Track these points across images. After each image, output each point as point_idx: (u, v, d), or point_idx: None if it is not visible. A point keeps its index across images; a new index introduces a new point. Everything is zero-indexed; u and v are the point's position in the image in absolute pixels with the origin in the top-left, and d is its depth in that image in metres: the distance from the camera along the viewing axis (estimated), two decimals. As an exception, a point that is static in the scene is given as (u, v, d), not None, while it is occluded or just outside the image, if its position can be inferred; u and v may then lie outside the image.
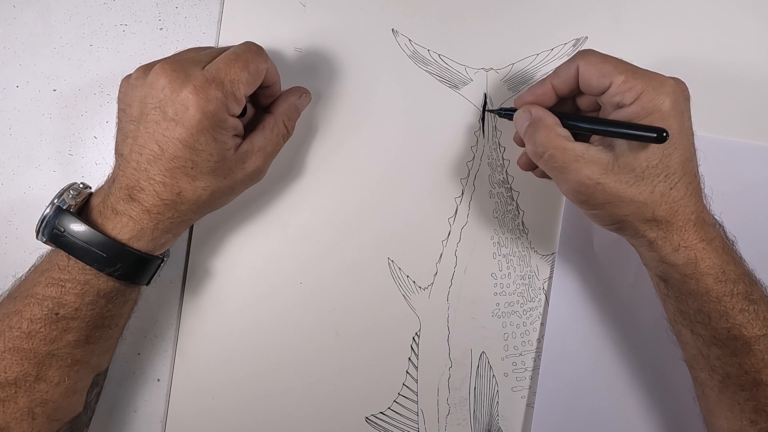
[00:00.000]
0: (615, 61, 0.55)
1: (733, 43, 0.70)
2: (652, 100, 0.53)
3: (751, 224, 0.69)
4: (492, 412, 0.69)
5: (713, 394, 0.58)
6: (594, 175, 0.54)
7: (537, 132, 0.57)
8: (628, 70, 0.54)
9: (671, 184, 0.54)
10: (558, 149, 0.55)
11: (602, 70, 0.55)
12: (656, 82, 0.53)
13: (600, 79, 0.55)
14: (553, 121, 0.57)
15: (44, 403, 0.54)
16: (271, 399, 0.68)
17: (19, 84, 0.67)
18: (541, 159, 0.57)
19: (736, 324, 0.55)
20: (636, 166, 0.53)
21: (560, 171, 0.55)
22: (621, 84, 0.53)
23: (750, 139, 0.69)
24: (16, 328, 0.53)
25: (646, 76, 0.54)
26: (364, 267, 0.68)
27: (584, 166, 0.54)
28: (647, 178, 0.53)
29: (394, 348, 0.69)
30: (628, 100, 0.53)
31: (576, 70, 0.57)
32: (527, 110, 0.60)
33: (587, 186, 0.54)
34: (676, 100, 0.53)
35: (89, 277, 0.54)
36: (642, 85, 0.53)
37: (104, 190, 0.56)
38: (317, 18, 0.68)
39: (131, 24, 0.68)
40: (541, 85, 0.60)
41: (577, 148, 0.55)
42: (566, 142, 0.55)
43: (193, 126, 0.52)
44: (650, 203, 0.54)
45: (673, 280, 0.57)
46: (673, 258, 0.55)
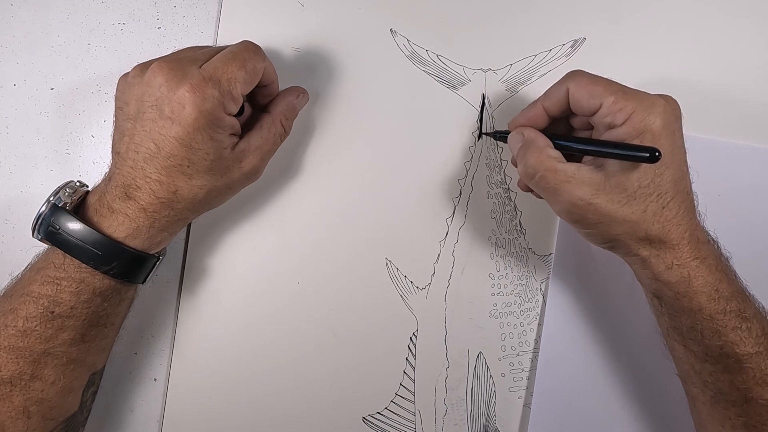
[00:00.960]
0: (605, 82, 0.55)
1: (731, 44, 0.70)
2: (643, 120, 0.53)
3: (748, 226, 0.69)
4: (489, 413, 0.69)
5: (705, 409, 0.58)
6: (585, 196, 0.54)
7: (528, 153, 0.57)
8: (618, 90, 0.54)
9: (663, 203, 0.54)
10: (549, 170, 0.55)
11: (592, 91, 0.55)
12: (647, 103, 0.53)
13: (590, 100, 0.55)
14: (545, 142, 0.57)
15: (39, 401, 0.54)
16: (268, 399, 0.68)
17: (16, 82, 0.67)
18: (533, 180, 0.57)
19: (728, 342, 0.55)
20: (628, 185, 0.53)
21: (551, 192, 0.56)
22: (611, 105, 0.54)
23: (747, 141, 0.69)
24: (12, 327, 0.53)
25: (636, 97, 0.54)
26: (361, 267, 0.68)
27: (575, 186, 0.54)
28: (639, 198, 0.53)
29: (391, 348, 0.69)
30: (618, 121, 0.53)
31: (566, 91, 0.57)
32: (520, 132, 0.60)
33: (579, 206, 0.54)
34: (666, 119, 0.53)
35: (85, 276, 0.54)
36: (632, 105, 0.53)
37: (101, 189, 0.56)
38: (315, 17, 0.68)
39: (129, 23, 0.67)
40: (533, 107, 0.60)
41: (568, 169, 0.55)
42: (557, 163, 0.55)
43: (190, 124, 0.52)
44: (642, 222, 0.54)
45: (666, 297, 0.57)
46: (666, 276, 0.55)
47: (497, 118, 0.69)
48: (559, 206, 0.56)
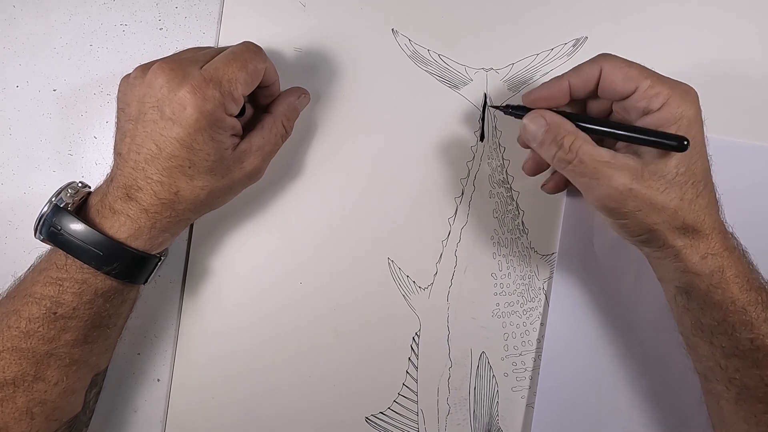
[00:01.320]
0: (639, 66, 0.55)
1: (733, 42, 0.70)
2: (679, 106, 0.52)
3: (751, 225, 0.68)
4: (492, 412, 0.69)
5: (729, 406, 0.57)
6: (626, 182, 0.52)
7: (563, 138, 0.55)
8: (653, 75, 0.54)
9: (697, 191, 0.53)
10: (587, 155, 0.53)
11: (628, 74, 0.54)
12: (682, 90, 0.53)
13: (625, 83, 0.54)
14: (573, 126, 0.55)
15: (43, 402, 0.54)
16: (270, 399, 0.68)
17: (19, 84, 0.67)
18: (570, 165, 0.55)
19: (759, 334, 0.54)
20: (666, 172, 0.52)
21: (591, 177, 0.54)
22: (648, 89, 0.53)
23: (749, 140, 0.69)
24: (15, 328, 0.53)
25: (671, 83, 0.53)
26: (363, 267, 0.68)
27: (615, 172, 0.53)
28: (677, 185, 0.53)
29: (393, 348, 0.69)
30: (655, 106, 0.53)
31: (599, 71, 0.56)
32: (540, 115, 0.57)
33: (620, 192, 0.53)
34: (699, 109, 0.53)
35: (87, 276, 0.54)
36: (669, 91, 0.53)
37: (102, 189, 0.56)
38: (317, 18, 0.68)
39: (131, 24, 0.68)
40: (558, 82, 0.58)
41: (605, 154, 0.53)
42: (593, 148, 0.54)
43: (191, 125, 0.52)
44: (680, 210, 0.53)
45: (697, 290, 0.55)
46: (699, 267, 0.54)
47: (499, 117, 0.69)
48: (598, 192, 0.54)
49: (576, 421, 0.68)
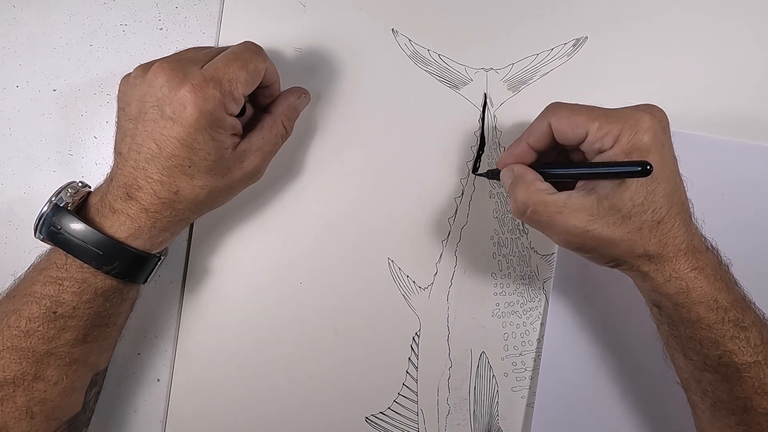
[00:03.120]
0: (586, 110, 0.55)
1: (733, 41, 0.70)
2: (630, 139, 0.52)
3: (751, 224, 0.69)
4: (492, 412, 0.69)
5: (705, 417, 0.58)
6: (580, 224, 0.54)
7: (517, 189, 0.57)
8: (600, 115, 0.54)
9: (658, 218, 0.54)
10: (539, 204, 0.55)
11: (574, 122, 0.55)
12: (632, 121, 0.53)
13: (574, 131, 0.55)
14: (533, 176, 0.57)
15: (42, 402, 0.54)
16: (270, 399, 0.68)
17: (19, 84, 0.67)
18: (525, 216, 0.57)
19: (726, 351, 0.54)
20: (621, 206, 0.53)
21: (545, 225, 0.56)
22: (597, 131, 0.53)
23: (749, 139, 0.69)
24: (15, 327, 0.53)
25: (621, 117, 0.53)
26: (364, 267, 0.68)
27: (569, 216, 0.54)
28: (634, 216, 0.53)
29: (394, 348, 0.69)
30: (607, 145, 0.53)
31: (548, 126, 0.57)
32: (510, 169, 0.60)
33: (576, 235, 0.54)
34: (654, 134, 0.53)
35: (87, 276, 0.54)
36: (618, 126, 0.53)
37: (102, 189, 0.56)
38: (317, 18, 0.68)
39: (131, 24, 0.68)
40: (518, 144, 0.60)
41: (558, 199, 0.55)
42: (546, 195, 0.55)
43: (191, 125, 0.52)
44: (639, 240, 0.54)
45: (665, 308, 0.57)
46: (665, 288, 0.55)
47: (499, 117, 0.69)
48: (557, 237, 0.56)
49: (576, 420, 0.68)
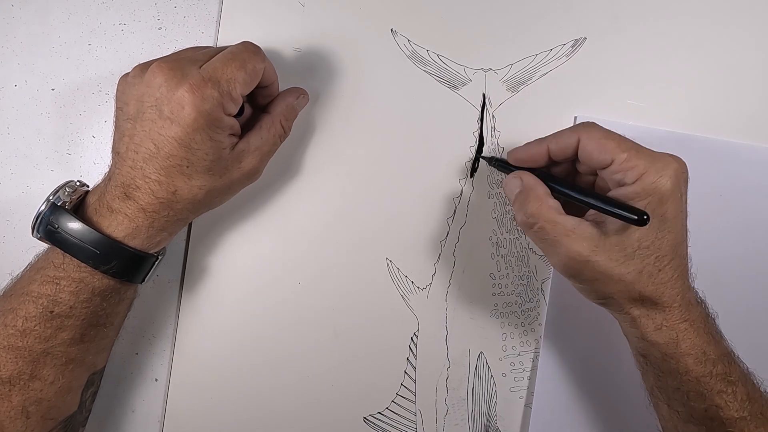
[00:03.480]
0: (618, 138, 0.55)
1: (733, 42, 0.70)
2: (654, 182, 0.53)
3: (751, 225, 0.69)
4: (490, 412, 0.69)
5: None
6: (584, 252, 0.53)
7: (528, 202, 0.57)
8: (631, 148, 0.54)
9: (660, 266, 0.54)
10: (549, 222, 0.55)
11: (605, 146, 0.55)
12: (659, 164, 0.53)
13: (602, 155, 0.55)
14: (544, 191, 0.57)
15: (38, 401, 0.54)
16: (269, 399, 0.68)
17: (17, 83, 0.67)
18: (531, 230, 0.57)
19: (713, 405, 0.55)
20: (627, 245, 0.53)
21: (550, 244, 0.56)
22: (623, 162, 0.54)
23: (749, 140, 0.69)
24: (11, 326, 0.53)
25: (649, 157, 0.54)
26: (362, 267, 0.68)
27: (574, 241, 0.54)
28: (637, 258, 0.53)
29: (392, 348, 0.69)
30: (629, 180, 0.53)
31: (577, 141, 0.57)
32: (518, 177, 0.59)
33: (576, 261, 0.54)
34: (676, 183, 0.53)
35: (84, 275, 0.54)
36: (645, 165, 0.53)
37: (100, 188, 0.56)
38: (316, 18, 0.68)
39: (130, 23, 0.67)
40: (538, 145, 0.60)
41: (568, 222, 0.55)
42: (557, 215, 0.55)
43: (189, 125, 0.52)
44: (637, 283, 0.54)
45: (653, 357, 0.57)
46: (654, 337, 0.56)
47: (498, 118, 0.69)
48: (557, 259, 0.56)
49: (573, 421, 0.68)
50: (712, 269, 0.68)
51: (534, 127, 0.68)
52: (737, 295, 0.69)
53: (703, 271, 0.64)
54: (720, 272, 0.69)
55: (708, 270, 0.68)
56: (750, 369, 0.58)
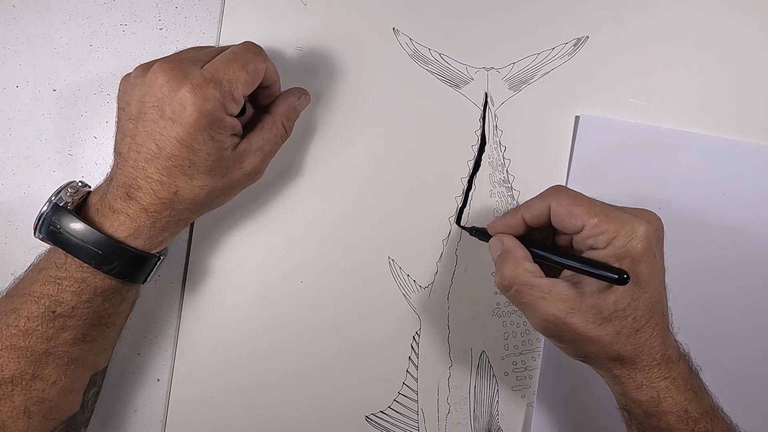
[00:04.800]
0: (587, 203, 0.55)
1: (735, 40, 0.69)
2: (624, 246, 0.53)
3: (751, 224, 0.69)
4: (492, 412, 0.69)
5: None
6: (560, 314, 0.53)
7: (505, 265, 0.57)
8: (600, 213, 0.54)
9: (638, 326, 0.54)
10: (524, 285, 0.55)
11: (574, 212, 0.55)
12: (629, 227, 0.53)
13: (572, 221, 0.55)
14: (522, 254, 0.57)
15: (40, 401, 0.54)
16: (271, 398, 0.68)
17: (18, 84, 0.67)
18: (508, 293, 0.57)
19: None
20: (604, 307, 0.53)
21: (527, 307, 0.56)
22: (594, 227, 0.54)
23: (751, 139, 0.69)
24: (14, 326, 0.53)
25: (619, 220, 0.54)
26: (364, 266, 0.68)
27: (550, 304, 0.54)
28: (614, 320, 0.53)
29: (394, 347, 0.69)
30: (600, 245, 0.54)
31: (547, 208, 0.57)
32: (500, 239, 0.60)
33: (554, 324, 0.54)
34: (648, 244, 0.53)
35: (86, 275, 0.54)
36: (614, 229, 0.53)
37: (102, 189, 0.56)
38: (318, 17, 0.68)
39: (131, 24, 0.68)
40: (513, 216, 0.60)
41: (544, 285, 0.55)
42: (532, 278, 0.55)
43: (191, 125, 0.52)
44: (615, 344, 0.54)
45: (635, 414, 0.57)
46: (636, 395, 0.56)
47: (500, 116, 0.69)
48: (535, 321, 0.56)
49: (576, 420, 0.68)
50: (715, 268, 0.68)
51: (536, 126, 0.68)
52: (739, 295, 0.69)
53: (705, 270, 0.64)
54: (722, 271, 0.69)
55: (710, 269, 0.69)
56: (734, 423, 0.59)
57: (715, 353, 0.68)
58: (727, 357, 0.69)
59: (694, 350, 0.60)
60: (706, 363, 0.59)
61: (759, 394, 0.70)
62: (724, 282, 0.69)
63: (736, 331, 0.69)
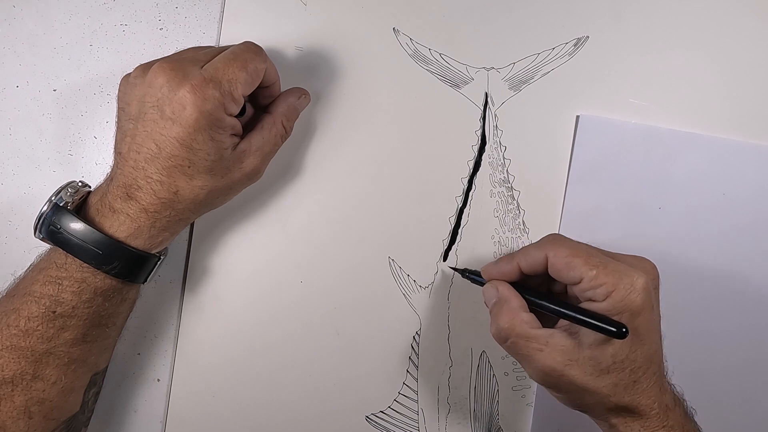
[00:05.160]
0: (585, 254, 0.54)
1: (736, 40, 0.69)
2: (623, 299, 0.52)
3: (751, 225, 0.69)
4: (492, 411, 0.69)
5: None
6: (558, 366, 0.53)
7: (500, 315, 0.56)
8: (598, 264, 0.53)
9: (635, 377, 0.54)
10: (521, 337, 0.54)
11: (572, 264, 0.54)
12: (628, 280, 0.53)
13: (570, 273, 0.54)
14: (518, 303, 0.57)
15: (41, 401, 0.54)
16: (271, 398, 0.68)
17: (19, 84, 0.67)
18: (505, 344, 0.56)
19: None
20: (602, 359, 0.53)
21: (524, 359, 0.55)
22: (592, 280, 0.53)
23: (752, 139, 0.69)
24: (14, 326, 0.53)
25: (617, 272, 0.53)
26: (364, 266, 0.68)
27: (548, 356, 0.53)
28: (612, 372, 0.53)
29: (394, 347, 0.69)
30: (599, 297, 0.53)
31: (545, 258, 0.56)
32: (494, 286, 0.59)
33: (551, 376, 0.54)
34: (647, 297, 0.53)
35: (86, 275, 0.54)
36: (613, 281, 0.52)
37: (102, 189, 0.56)
38: (318, 17, 0.68)
39: (131, 24, 0.68)
40: (509, 263, 0.59)
41: (540, 336, 0.54)
42: (529, 329, 0.55)
43: (190, 125, 0.52)
44: (613, 396, 0.54)
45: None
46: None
47: (500, 116, 0.69)
48: (532, 372, 0.56)
49: (575, 420, 0.68)
50: (715, 269, 0.68)
51: (536, 126, 0.68)
52: (740, 294, 0.69)
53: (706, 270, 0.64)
54: (722, 272, 0.69)
55: (710, 269, 0.69)
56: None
57: (715, 353, 0.69)
58: (727, 357, 0.69)
59: (693, 350, 0.60)
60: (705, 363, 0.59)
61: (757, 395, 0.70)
62: (723, 282, 0.69)
63: (736, 331, 0.69)
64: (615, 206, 0.68)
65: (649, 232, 0.68)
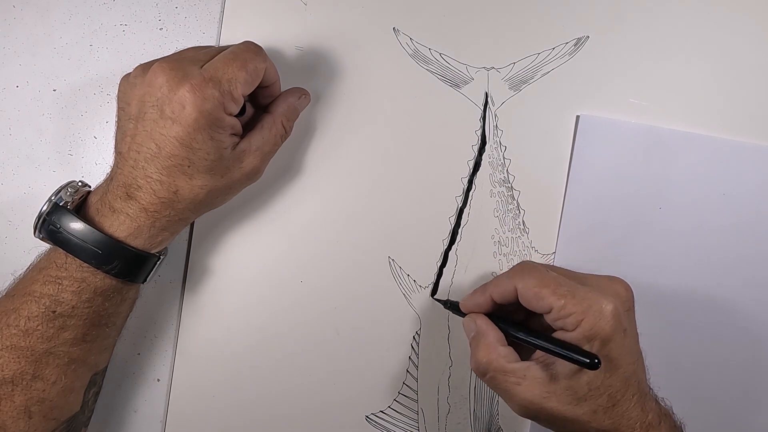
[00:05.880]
0: (553, 284, 0.55)
1: (737, 40, 0.69)
2: (592, 327, 0.53)
3: (752, 225, 0.69)
4: (492, 411, 0.69)
5: None
6: (536, 399, 0.54)
7: (479, 350, 0.57)
8: (566, 294, 0.54)
9: (614, 401, 0.54)
10: (499, 371, 0.55)
11: (539, 294, 0.55)
12: (596, 307, 0.53)
13: (539, 303, 0.55)
14: (495, 337, 0.57)
15: (41, 401, 0.54)
16: (271, 398, 0.68)
17: (19, 84, 0.67)
18: (484, 378, 0.57)
19: None
20: (578, 389, 0.53)
21: (503, 392, 0.56)
22: (560, 310, 0.53)
23: (752, 139, 0.69)
24: (14, 326, 0.53)
25: (585, 300, 0.53)
26: (364, 266, 0.68)
27: (526, 389, 0.54)
28: (590, 399, 0.53)
29: (394, 347, 0.69)
30: (569, 327, 0.53)
31: (514, 289, 0.57)
32: (473, 320, 0.60)
33: (531, 409, 0.54)
34: (616, 323, 0.53)
35: (86, 275, 0.54)
36: (582, 310, 0.53)
37: (102, 188, 0.56)
38: (318, 17, 0.68)
39: (131, 24, 0.68)
40: (482, 294, 0.60)
41: (517, 370, 0.55)
42: (506, 364, 0.55)
43: (190, 124, 0.52)
44: (593, 421, 0.54)
45: None
46: None
47: (500, 116, 0.69)
48: (512, 405, 0.56)
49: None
50: (715, 268, 0.68)
51: (536, 126, 0.68)
52: (740, 295, 0.69)
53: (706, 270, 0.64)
54: (723, 272, 0.69)
55: (710, 269, 0.69)
56: None
57: (715, 353, 0.68)
58: (726, 356, 0.69)
59: (693, 351, 0.59)
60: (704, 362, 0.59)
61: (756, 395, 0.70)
62: (723, 282, 0.69)
63: (736, 330, 0.69)
64: (615, 206, 0.68)
65: (649, 232, 0.68)
